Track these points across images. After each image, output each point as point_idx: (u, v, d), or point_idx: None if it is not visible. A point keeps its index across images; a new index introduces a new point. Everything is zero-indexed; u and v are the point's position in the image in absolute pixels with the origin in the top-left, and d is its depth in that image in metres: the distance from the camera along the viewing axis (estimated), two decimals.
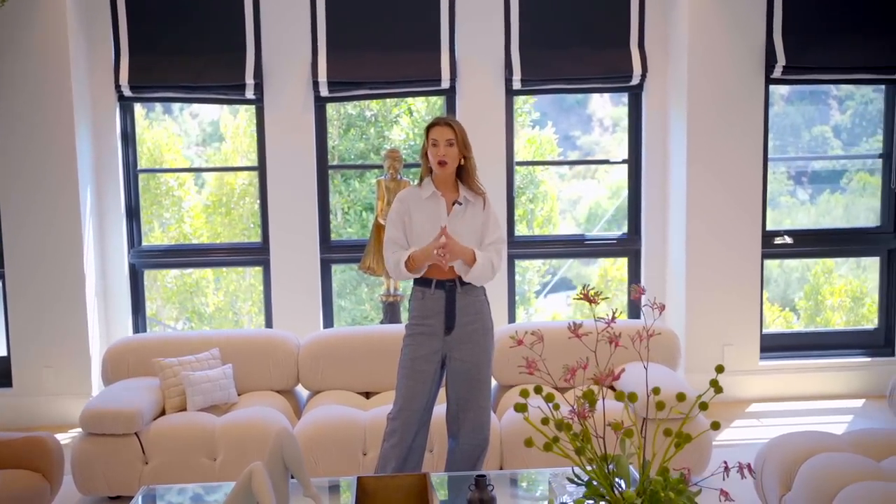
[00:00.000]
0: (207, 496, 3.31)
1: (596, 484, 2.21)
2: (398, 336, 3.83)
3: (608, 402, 2.74)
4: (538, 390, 2.20)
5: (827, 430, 4.14)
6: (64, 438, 5.05)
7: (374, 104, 6.56)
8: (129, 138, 5.76)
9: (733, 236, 5.63)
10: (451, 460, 3.72)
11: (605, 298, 2.18)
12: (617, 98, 6.48)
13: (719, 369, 2.23)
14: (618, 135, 6.47)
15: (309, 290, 5.74)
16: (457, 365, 3.60)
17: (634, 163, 5.93)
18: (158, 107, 6.43)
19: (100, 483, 4.06)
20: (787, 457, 3.34)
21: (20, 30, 5.25)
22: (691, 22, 5.45)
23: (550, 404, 2.19)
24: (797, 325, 6.43)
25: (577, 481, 2.24)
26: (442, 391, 3.72)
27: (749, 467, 2.09)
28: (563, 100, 6.71)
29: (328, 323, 5.88)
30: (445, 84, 5.58)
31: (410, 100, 6.46)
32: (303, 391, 4.91)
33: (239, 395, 4.59)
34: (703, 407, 2.21)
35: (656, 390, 2.26)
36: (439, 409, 3.79)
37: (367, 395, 4.72)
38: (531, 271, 7.10)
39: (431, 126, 3.59)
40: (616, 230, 6.39)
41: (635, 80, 5.69)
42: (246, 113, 6.15)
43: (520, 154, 6.18)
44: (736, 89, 5.53)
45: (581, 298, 2.20)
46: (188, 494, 3.33)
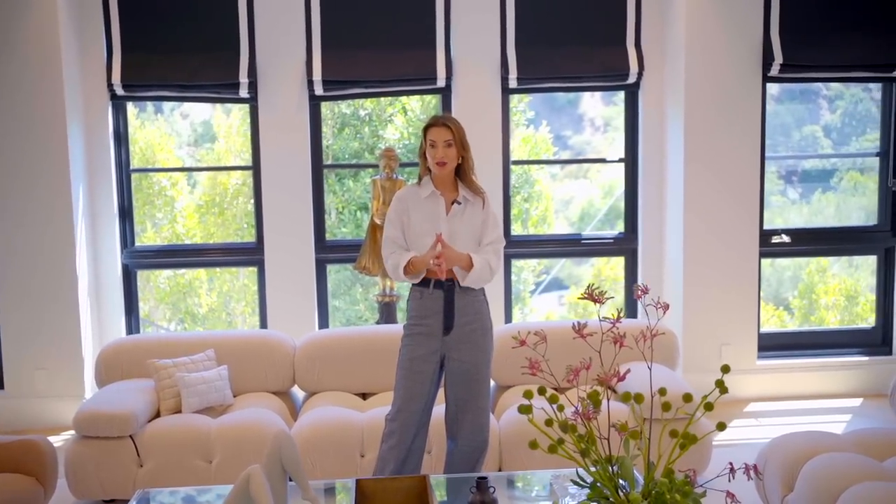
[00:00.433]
0: (203, 499, 3.28)
1: (600, 486, 2.18)
2: (395, 336, 3.80)
3: (611, 404, 2.70)
4: (541, 391, 2.17)
5: (826, 429, 4.14)
6: (57, 441, 5.00)
7: (368, 103, 6.52)
8: (121, 137, 5.72)
9: (731, 235, 5.61)
10: (450, 462, 3.70)
11: (609, 298, 2.15)
12: (608, 97, 6.46)
13: (725, 369, 2.21)
14: (609, 134, 6.44)
15: (304, 291, 5.70)
16: (456, 365, 3.57)
17: (631, 161, 5.91)
18: (150, 106, 6.37)
19: (94, 486, 4.02)
20: (789, 457, 3.32)
21: (11, 28, 5.20)
22: (688, 20, 5.44)
23: (554, 405, 2.16)
24: (791, 324, 6.42)
25: (582, 483, 2.21)
26: (441, 392, 3.69)
27: (756, 468, 2.06)
28: (555, 99, 6.67)
29: (323, 323, 5.84)
30: (441, 83, 5.55)
31: (405, 99, 6.42)
32: (299, 392, 4.87)
33: (234, 396, 4.55)
34: (709, 408, 2.19)
35: (662, 391, 2.23)
36: (438, 411, 3.75)
37: (364, 396, 4.69)
38: (526, 271, 7.07)
39: (429, 126, 3.56)
40: (609, 229, 6.37)
41: (632, 79, 5.67)
42: (239, 112, 6.10)
43: (515, 153, 6.15)
44: (733, 87, 5.51)
45: (585, 298, 2.17)
46: (184, 497, 3.30)
